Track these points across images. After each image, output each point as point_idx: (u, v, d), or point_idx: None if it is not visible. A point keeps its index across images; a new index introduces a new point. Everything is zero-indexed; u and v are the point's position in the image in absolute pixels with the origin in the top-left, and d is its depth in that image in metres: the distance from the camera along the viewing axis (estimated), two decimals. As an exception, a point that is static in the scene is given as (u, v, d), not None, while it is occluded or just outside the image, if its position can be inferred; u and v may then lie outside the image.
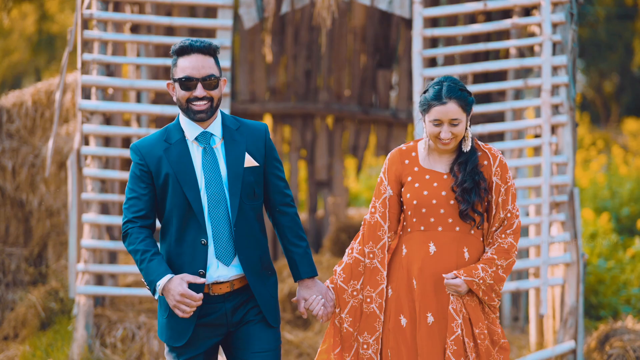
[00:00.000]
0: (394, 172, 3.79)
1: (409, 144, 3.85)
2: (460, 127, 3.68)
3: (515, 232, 3.74)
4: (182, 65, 3.60)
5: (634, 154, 14.54)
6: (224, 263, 3.61)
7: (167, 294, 3.51)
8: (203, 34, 8.27)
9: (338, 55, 9.23)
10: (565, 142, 6.21)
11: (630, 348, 5.96)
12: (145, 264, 3.56)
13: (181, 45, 3.62)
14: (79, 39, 6.31)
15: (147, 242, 3.60)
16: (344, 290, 3.80)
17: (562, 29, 6.24)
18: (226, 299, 3.64)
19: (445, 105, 3.66)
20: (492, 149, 3.78)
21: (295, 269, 3.78)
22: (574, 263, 6.15)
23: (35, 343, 6.43)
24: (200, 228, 3.58)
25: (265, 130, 3.75)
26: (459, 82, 3.71)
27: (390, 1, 6.44)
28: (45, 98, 7.92)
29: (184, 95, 3.61)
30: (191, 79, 3.59)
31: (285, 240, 3.77)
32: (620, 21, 18.54)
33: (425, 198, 3.71)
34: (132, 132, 6.46)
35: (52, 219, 7.65)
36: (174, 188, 3.59)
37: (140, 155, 3.63)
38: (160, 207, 3.66)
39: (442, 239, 3.71)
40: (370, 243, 3.80)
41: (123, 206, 3.67)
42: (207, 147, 3.64)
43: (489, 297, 3.70)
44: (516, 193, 3.81)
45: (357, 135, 9.36)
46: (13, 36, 17.63)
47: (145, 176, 3.62)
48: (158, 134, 3.69)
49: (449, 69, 6.64)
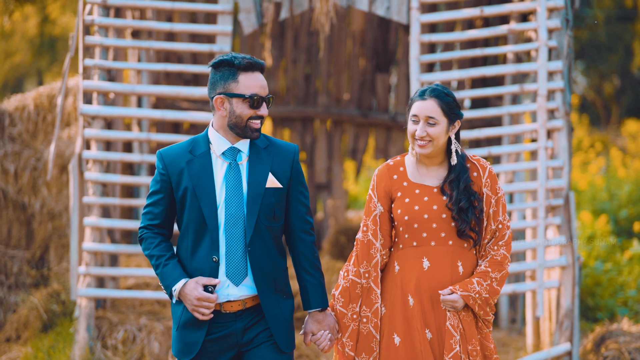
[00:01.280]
0: (383, 188, 3.71)
1: (395, 159, 3.79)
2: (437, 129, 3.62)
3: (507, 243, 3.70)
4: (248, 83, 3.52)
5: (632, 157, 14.57)
6: (234, 283, 3.53)
7: (184, 298, 3.50)
8: (203, 39, 8.34)
9: (337, 59, 9.30)
10: (561, 146, 6.27)
11: (626, 350, 5.98)
12: (160, 269, 3.55)
13: (248, 61, 3.53)
14: (81, 45, 6.36)
15: (161, 246, 3.58)
16: (344, 314, 3.73)
17: (557, 34, 6.30)
18: (238, 317, 3.56)
19: (425, 101, 3.62)
20: (481, 160, 3.73)
21: (307, 299, 3.68)
22: (569, 266, 6.20)
23: (37, 345, 6.45)
24: (213, 245, 3.52)
25: (295, 152, 3.66)
26: (448, 90, 3.66)
27: (388, 7, 6.49)
28: (47, 102, 7.97)
29: (248, 113, 3.53)
30: (259, 97, 3.53)
31: (300, 268, 3.67)
32: (620, 23, 18.55)
33: (417, 213, 3.65)
34: (133, 136, 6.51)
35: (54, 221, 7.67)
36: (192, 202, 3.53)
37: (164, 164, 3.58)
38: (178, 220, 3.62)
39: (435, 253, 3.65)
40: (364, 262, 3.71)
41: (143, 208, 3.65)
42: (233, 163, 3.56)
43: (484, 311, 3.65)
44: (506, 203, 3.78)
45: (356, 138, 9.42)
46: (15, 38, 17.68)
47: (165, 186, 3.58)
48: (185, 143, 3.62)
49: (446, 74, 6.70)
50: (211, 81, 3.58)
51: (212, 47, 6.41)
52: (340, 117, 9.31)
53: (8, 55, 18.12)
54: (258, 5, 6.47)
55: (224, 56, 3.56)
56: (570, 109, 6.32)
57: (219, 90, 3.55)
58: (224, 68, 3.54)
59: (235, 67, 3.52)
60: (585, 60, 19.48)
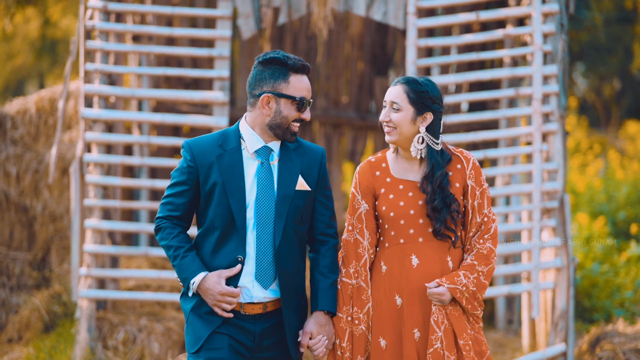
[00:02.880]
0: (366, 185, 3.60)
1: (377, 155, 3.69)
2: (399, 115, 3.52)
3: (493, 236, 3.61)
4: (298, 85, 3.44)
5: (630, 159, 14.60)
6: (263, 285, 3.44)
7: (205, 293, 3.39)
8: (203, 44, 8.40)
9: (336, 62, 9.37)
10: (556, 149, 6.32)
11: (620, 350, 6.02)
12: (178, 260, 3.42)
13: (302, 64, 3.45)
14: (82, 49, 6.41)
15: (180, 237, 3.45)
16: (339, 319, 3.60)
17: (552, 39, 6.35)
18: (257, 320, 3.46)
19: (394, 87, 3.56)
20: (464, 152, 3.64)
21: (315, 299, 3.55)
22: (564, 267, 6.26)
23: (39, 345, 6.48)
24: (241, 244, 3.41)
25: (323, 155, 3.58)
26: (427, 82, 3.56)
27: (385, 12, 6.54)
28: (48, 105, 8.01)
29: (294, 114, 3.45)
30: (308, 101, 3.46)
31: (316, 268, 3.56)
32: (620, 25, 18.55)
33: (402, 209, 3.54)
34: (134, 139, 6.57)
35: (56, 224, 7.69)
36: (220, 198, 3.41)
37: (192, 155, 3.45)
38: (201, 215, 3.48)
39: (424, 249, 3.55)
40: (353, 262, 3.60)
41: (163, 197, 3.51)
42: (265, 162, 3.46)
43: (472, 305, 3.54)
44: (491, 197, 3.66)
45: (354, 141, 9.49)
46: (16, 40, 17.72)
47: (191, 178, 3.44)
48: (215, 136, 3.50)
49: (442, 77, 6.76)
50: (257, 77, 3.45)
51: (211, 52, 6.47)
52: (338, 120, 9.37)
53: (9, 57, 18.16)
54: (257, 10, 6.53)
55: (275, 54, 3.45)
56: (565, 112, 6.38)
57: (267, 88, 3.43)
58: (274, 66, 3.43)
59: (287, 67, 3.42)
60: (585, 62, 19.49)
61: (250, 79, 3.49)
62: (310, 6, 6.55)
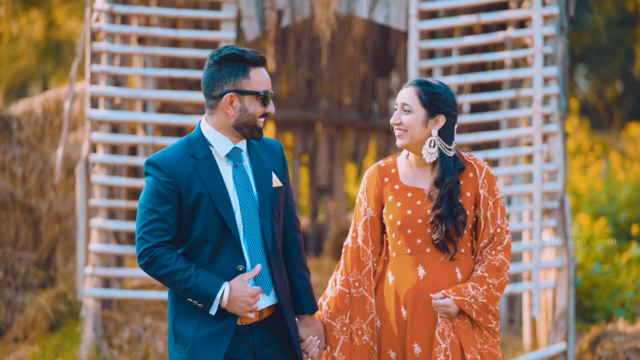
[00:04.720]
0: (374, 192, 3.45)
1: (387, 160, 3.53)
2: (410, 117, 3.37)
3: (506, 248, 3.42)
4: (259, 79, 3.21)
5: (632, 160, 14.63)
6: (265, 292, 3.27)
7: (234, 301, 3.16)
8: (207, 45, 8.47)
9: (338, 64, 9.43)
10: (556, 150, 6.37)
11: (620, 350, 6.04)
12: (192, 281, 3.13)
13: (259, 56, 3.22)
14: (88, 51, 6.45)
15: (182, 259, 3.18)
16: (332, 327, 3.46)
17: (552, 41, 6.40)
18: (253, 329, 3.27)
19: (405, 89, 3.41)
20: (478, 159, 3.46)
21: (299, 302, 3.40)
22: (564, 267, 6.30)
23: (45, 344, 6.51)
24: (237, 254, 3.21)
25: (281, 148, 3.41)
26: (440, 85, 3.41)
27: (387, 14, 6.60)
28: (54, 107, 8.06)
29: (260, 110, 3.23)
30: (270, 94, 3.26)
31: (291, 269, 3.39)
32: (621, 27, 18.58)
33: (410, 218, 3.38)
34: (139, 140, 6.61)
35: (61, 223, 7.72)
36: (207, 209, 3.18)
37: (167, 172, 3.17)
38: (186, 230, 3.22)
39: (431, 261, 3.38)
40: (354, 270, 3.45)
41: (140, 227, 3.18)
42: (239, 165, 3.27)
43: (485, 318, 3.37)
44: (504, 207, 3.47)
45: (357, 142, 9.55)
46: (20, 42, 17.78)
47: (173, 196, 3.18)
48: (179, 147, 3.24)
49: (444, 79, 6.81)
50: (214, 77, 3.23)
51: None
52: (341, 121, 9.44)
53: (14, 59, 18.22)
54: (260, 12, 6.59)
55: (230, 50, 3.22)
56: (565, 113, 6.44)
57: (228, 87, 3.20)
58: (231, 63, 3.20)
59: (246, 61, 3.20)
60: (587, 64, 19.52)
61: (206, 79, 3.26)
62: (314, 9, 6.61)
